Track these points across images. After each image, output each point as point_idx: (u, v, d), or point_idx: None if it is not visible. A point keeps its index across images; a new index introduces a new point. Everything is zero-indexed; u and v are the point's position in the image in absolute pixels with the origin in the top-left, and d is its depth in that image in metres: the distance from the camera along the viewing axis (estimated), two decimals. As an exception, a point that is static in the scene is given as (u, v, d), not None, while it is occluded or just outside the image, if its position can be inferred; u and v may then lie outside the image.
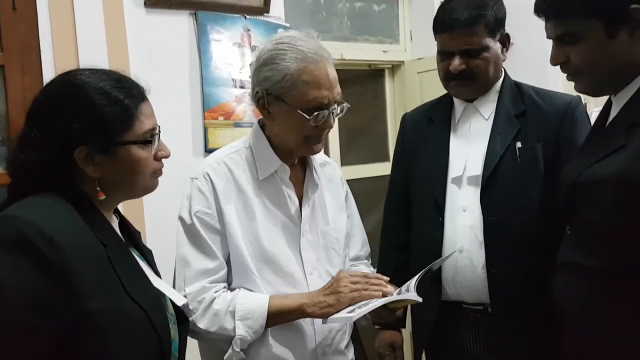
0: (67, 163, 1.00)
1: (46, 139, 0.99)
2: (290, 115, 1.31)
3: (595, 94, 1.37)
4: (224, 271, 1.35)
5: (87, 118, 0.99)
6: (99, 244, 0.98)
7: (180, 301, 1.16)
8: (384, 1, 3.13)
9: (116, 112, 1.01)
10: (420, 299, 1.24)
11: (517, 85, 1.64)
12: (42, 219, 0.92)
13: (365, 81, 3.25)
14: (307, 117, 1.29)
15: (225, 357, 1.30)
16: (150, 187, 1.10)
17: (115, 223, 1.11)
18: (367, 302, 1.23)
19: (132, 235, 1.16)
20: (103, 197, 1.03)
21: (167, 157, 1.10)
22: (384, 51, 3.10)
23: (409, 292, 1.26)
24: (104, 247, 0.99)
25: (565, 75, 1.32)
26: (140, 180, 1.06)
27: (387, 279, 1.34)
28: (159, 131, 1.08)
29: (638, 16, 1.17)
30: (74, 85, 1.01)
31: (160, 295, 1.09)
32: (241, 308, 1.29)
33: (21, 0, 1.82)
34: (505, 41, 1.60)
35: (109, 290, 0.97)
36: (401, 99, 3.18)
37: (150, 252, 1.20)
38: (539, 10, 1.29)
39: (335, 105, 1.34)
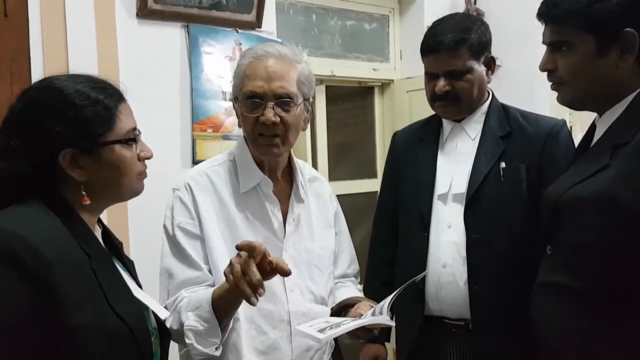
0: (51, 169, 0.98)
1: (30, 147, 0.97)
2: (240, 111, 1.35)
3: (574, 107, 1.38)
4: (210, 282, 1.32)
5: (70, 120, 0.98)
6: (83, 256, 0.97)
7: (163, 314, 1.15)
8: (375, 20, 3.17)
9: (98, 112, 1.00)
10: (392, 324, 1.22)
11: (504, 108, 1.67)
12: (27, 229, 0.90)
13: (355, 98, 3.28)
14: (240, 103, 1.33)
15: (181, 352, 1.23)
16: (137, 190, 1.09)
17: (98, 233, 1.10)
18: (340, 323, 1.20)
19: (114, 246, 1.14)
20: (88, 201, 1.01)
21: (149, 157, 1.09)
22: (374, 69, 3.14)
23: (382, 314, 1.22)
24: (89, 259, 0.97)
25: (552, 98, 1.34)
26: (126, 181, 1.05)
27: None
28: (139, 132, 1.08)
29: (629, 39, 1.19)
30: (52, 89, 1.00)
31: (143, 309, 1.08)
32: (193, 299, 1.26)
33: (13, 7, 1.82)
34: (491, 64, 1.64)
35: (93, 303, 0.95)
36: (390, 116, 3.20)
37: (132, 263, 1.18)
38: (540, 14, 1.30)
39: (289, 102, 1.30)
